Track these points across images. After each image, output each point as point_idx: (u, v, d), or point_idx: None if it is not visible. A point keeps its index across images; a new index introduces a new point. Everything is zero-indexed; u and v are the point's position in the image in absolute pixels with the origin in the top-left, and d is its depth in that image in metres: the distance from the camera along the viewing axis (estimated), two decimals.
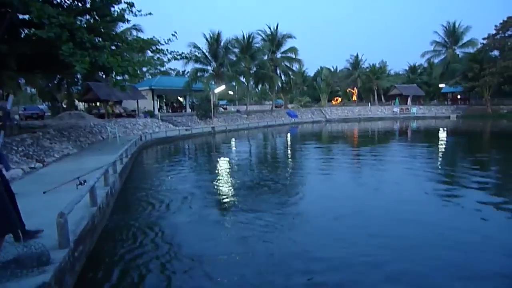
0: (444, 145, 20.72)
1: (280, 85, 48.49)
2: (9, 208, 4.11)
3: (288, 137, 29.03)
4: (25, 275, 3.74)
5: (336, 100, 62.50)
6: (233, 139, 26.48)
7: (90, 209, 6.22)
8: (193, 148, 22.73)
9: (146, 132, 24.99)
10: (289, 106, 56.09)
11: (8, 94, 18.38)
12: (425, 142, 22.37)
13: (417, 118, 47.03)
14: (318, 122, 45.42)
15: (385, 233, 6.23)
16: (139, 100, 33.65)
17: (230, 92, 59.61)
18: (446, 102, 56.74)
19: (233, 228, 6.88)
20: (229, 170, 13.72)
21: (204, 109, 34.53)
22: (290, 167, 14.17)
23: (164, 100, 47.60)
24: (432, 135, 27.40)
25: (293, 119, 43.99)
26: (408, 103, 54.63)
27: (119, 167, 10.68)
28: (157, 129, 28.12)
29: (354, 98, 60.67)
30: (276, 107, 54.00)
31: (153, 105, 38.53)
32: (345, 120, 46.85)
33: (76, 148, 16.09)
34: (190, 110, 42.94)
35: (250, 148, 22.30)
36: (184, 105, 45.95)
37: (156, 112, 36.73)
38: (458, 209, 7.78)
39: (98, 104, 34.23)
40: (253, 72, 42.80)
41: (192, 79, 37.80)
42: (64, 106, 36.89)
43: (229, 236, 6.46)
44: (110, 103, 31.19)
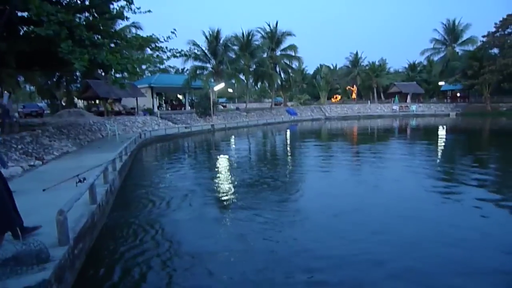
0: (443, 143, 20.74)
1: (280, 82, 48.36)
2: (9, 206, 4.11)
3: (288, 134, 29.01)
4: (25, 273, 3.73)
5: (336, 98, 62.45)
6: (232, 137, 26.44)
7: (90, 207, 6.22)
8: (193, 146, 22.71)
9: (146, 130, 24.95)
10: (289, 104, 56.05)
11: (3, 91, 18.26)
12: (425, 140, 22.39)
13: (417, 116, 47.02)
14: (317, 120, 45.42)
15: (385, 230, 6.25)
16: (138, 98, 33.62)
17: (230, 90, 59.41)
18: (445, 100, 56.75)
19: (233, 225, 6.89)
20: (228, 168, 13.71)
21: (204, 107, 34.51)
22: (290, 165, 14.18)
23: (164, 98, 47.56)
24: (432, 133, 27.41)
25: (292, 117, 43.92)
26: (407, 101, 54.54)
27: (118, 164, 10.68)
28: (156, 127, 28.09)
29: (354, 96, 60.62)
30: (276, 105, 53.89)
31: (153, 102, 38.48)
32: (345, 118, 46.81)
33: (75, 146, 16.07)
34: (189, 108, 42.90)
35: (250, 145, 22.29)
36: (184, 103, 45.90)
37: (156, 110, 36.73)
38: (457, 206, 7.79)
39: (97, 102, 34.19)
40: (252, 70, 42.66)
41: (191, 77, 37.70)
42: (63, 104, 36.85)
43: (229, 233, 6.46)
44: (109, 101, 31.14)
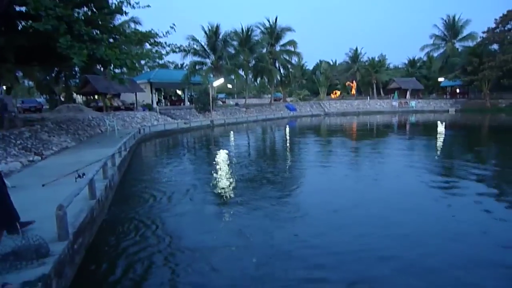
0: (443, 138, 20.74)
1: (279, 78, 48.25)
2: (8, 201, 4.09)
3: (287, 130, 28.99)
4: (25, 267, 3.74)
5: (335, 94, 62.36)
6: (231, 133, 26.41)
7: (89, 202, 6.22)
8: (192, 141, 22.68)
9: (145, 125, 24.91)
10: (288, 99, 55.97)
11: (1, 86, 18.15)
12: (424, 136, 22.38)
13: (416, 112, 47.02)
14: (317, 115, 45.35)
15: (386, 225, 6.26)
16: (137, 93, 33.51)
17: (229, 85, 59.34)
18: (445, 96, 56.65)
19: (233, 221, 6.89)
20: (228, 163, 13.71)
21: (203, 102, 34.44)
22: (289, 160, 14.18)
23: (163, 93, 47.38)
24: (431, 128, 27.42)
25: (291, 113, 43.88)
26: (407, 97, 54.51)
27: (117, 160, 10.67)
28: (155, 122, 28.04)
29: (353, 91, 60.53)
30: (275, 100, 53.84)
31: (152, 98, 38.34)
32: (344, 114, 46.79)
33: (74, 141, 16.04)
34: (188, 103, 42.77)
35: (249, 141, 22.28)
36: (183, 98, 45.76)
37: (155, 105, 36.59)
38: (457, 201, 7.81)
39: (96, 97, 34.04)
40: (252, 65, 42.51)
41: (190, 72, 37.56)
42: (62, 99, 36.73)
43: (229, 229, 6.47)
44: (108, 96, 31.02)
